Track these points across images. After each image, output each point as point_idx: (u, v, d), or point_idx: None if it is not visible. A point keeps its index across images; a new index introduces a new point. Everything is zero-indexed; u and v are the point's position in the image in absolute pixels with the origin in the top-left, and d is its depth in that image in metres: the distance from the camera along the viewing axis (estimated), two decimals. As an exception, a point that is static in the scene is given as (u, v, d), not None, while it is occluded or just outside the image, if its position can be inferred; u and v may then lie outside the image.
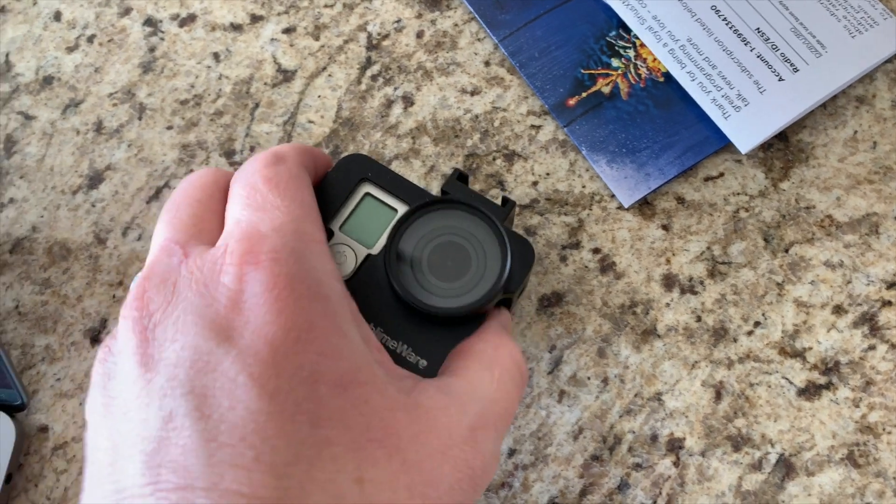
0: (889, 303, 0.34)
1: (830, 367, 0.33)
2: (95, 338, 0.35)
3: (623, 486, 0.32)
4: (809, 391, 0.33)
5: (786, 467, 0.32)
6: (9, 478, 0.31)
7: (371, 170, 0.28)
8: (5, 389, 0.32)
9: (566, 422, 0.33)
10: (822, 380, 0.33)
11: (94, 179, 0.37)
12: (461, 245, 0.26)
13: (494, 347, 0.25)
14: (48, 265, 0.36)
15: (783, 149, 0.37)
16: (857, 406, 0.33)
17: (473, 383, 0.24)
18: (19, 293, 0.35)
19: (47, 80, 0.39)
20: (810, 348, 0.33)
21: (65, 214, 0.37)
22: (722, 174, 0.36)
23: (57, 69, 0.39)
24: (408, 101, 0.38)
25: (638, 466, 0.32)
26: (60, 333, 0.35)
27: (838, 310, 0.34)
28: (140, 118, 0.38)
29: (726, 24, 0.37)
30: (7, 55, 0.40)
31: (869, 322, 0.34)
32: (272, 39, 0.40)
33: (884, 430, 0.32)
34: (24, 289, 0.35)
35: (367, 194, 0.28)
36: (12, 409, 0.33)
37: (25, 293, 0.35)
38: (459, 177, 0.29)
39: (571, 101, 0.37)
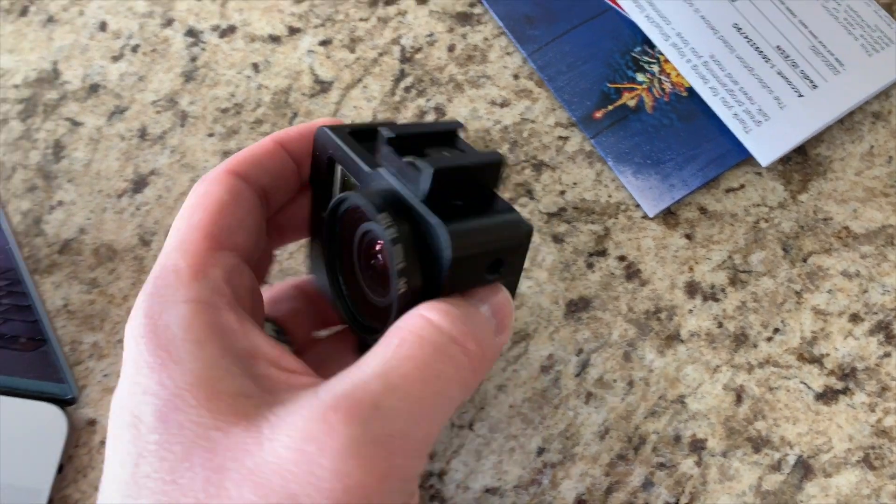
0: (904, 312, 0.35)
1: (847, 373, 0.35)
2: (141, 336, 0.36)
3: (647, 485, 0.33)
4: (827, 396, 0.34)
5: (804, 468, 0.33)
6: (60, 468, 0.33)
7: (332, 147, 0.25)
8: (59, 384, 0.34)
9: (593, 422, 0.34)
10: (840, 385, 0.34)
11: (139, 184, 0.39)
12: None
13: (405, 319, 0.21)
14: (95, 266, 0.37)
15: (802, 162, 0.38)
16: (873, 411, 0.34)
17: (360, 365, 0.20)
18: (68, 292, 0.37)
19: (93, 88, 0.41)
20: (828, 354, 0.35)
21: (111, 217, 0.38)
22: (743, 186, 0.38)
23: (103, 77, 0.41)
24: (440, 112, 0.40)
25: (662, 466, 0.33)
26: (107, 331, 0.36)
27: (855, 318, 0.35)
28: (182, 125, 0.40)
29: (748, 42, 0.39)
30: (55, 63, 0.41)
31: (884, 330, 0.35)
32: (309, 51, 0.41)
33: (898, 433, 0.33)
34: (73, 288, 0.37)
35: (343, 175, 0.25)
36: (64, 403, 0.34)
37: (74, 292, 0.37)
38: (391, 141, 0.23)
39: (598, 114, 0.39)
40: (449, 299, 0.21)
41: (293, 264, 0.37)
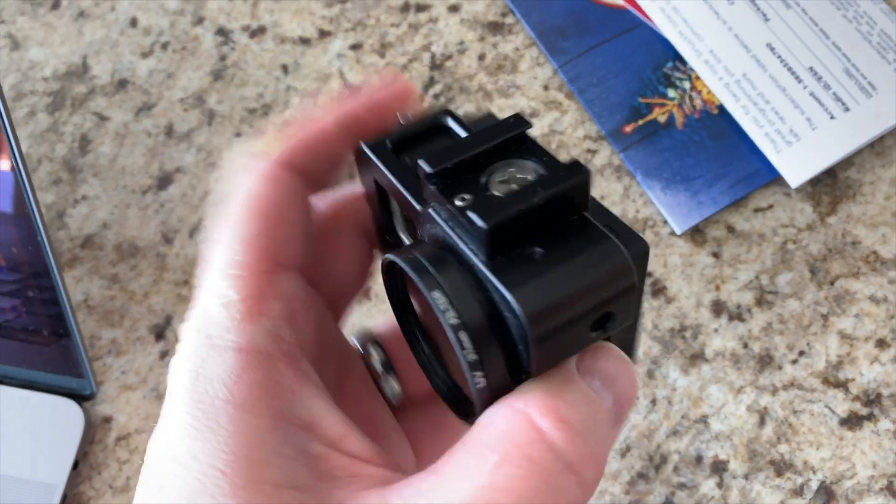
0: (931, 339, 0.35)
1: (872, 399, 0.34)
2: (160, 334, 0.36)
3: (667, 504, 0.33)
4: (851, 421, 0.34)
5: (826, 494, 0.33)
6: (75, 464, 0.33)
7: (375, 171, 0.20)
8: (78, 379, 0.33)
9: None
10: (864, 411, 0.34)
11: (164, 181, 0.39)
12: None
13: (504, 419, 0.15)
14: (117, 261, 0.37)
15: (831, 184, 0.38)
16: (898, 438, 0.34)
17: (447, 479, 0.15)
18: (88, 287, 0.37)
19: (122, 84, 0.41)
20: (853, 379, 0.34)
21: (134, 213, 0.38)
22: (771, 206, 0.37)
23: (131, 73, 0.41)
24: (468, 120, 0.39)
25: (682, 486, 0.33)
26: (127, 328, 0.36)
27: (881, 343, 0.35)
28: (209, 124, 0.40)
29: (780, 62, 0.39)
30: (85, 58, 0.41)
31: (911, 357, 0.35)
32: (339, 55, 0.41)
33: (923, 462, 0.33)
34: (94, 283, 0.37)
35: None
36: (81, 399, 0.34)
37: (94, 287, 0.37)
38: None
39: (628, 128, 0.39)
40: (561, 385, 0.16)
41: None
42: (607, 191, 0.38)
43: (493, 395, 0.16)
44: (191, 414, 0.16)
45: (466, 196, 0.16)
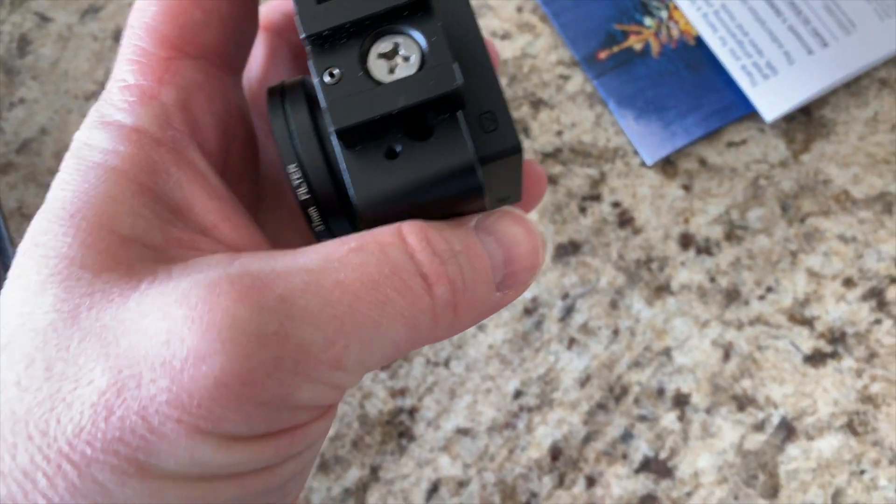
0: (897, 280, 0.34)
1: (837, 337, 0.34)
2: (100, 246, 0.34)
3: (626, 437, 0.32)
4: (815, 358, 0.33)
5: (787, 430, 0.32)
6: None
7: None
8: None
9: (574, 368, 0.33)
10: (829, 348, 0.33)
11: (109, 88, 0.36)
12: None
13: (378, 229, 0.16)
14: (55, 168, 0.35)
15: (805, 122, 0.37)
16: (860, 376, 0.33)
17: (299, 254, 0.16)
18: (23, 194, 0.34)
19: (67, -17, 0.38)
20: (819, 317, 0.34)
21: (76, 119, 0.36)
22: (745, 141, 0.36)
23: (78, -28, 0.38)
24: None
25: (643, 418, 0.32)
26: (64, 239, 0.34)
27: (848, 282, 0.34)
28: (161, 31, 0.37)
29: (761, -6, 0.38)
30: (27, -47, 0.38)
31: (877, 297, 0.34)
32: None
33: (884, 401, 0.33)
34: (29, 190, 0.34)
35: None
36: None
37: (30, 195, 0.34)
38: None
39: (602, 55, 0.37)
40: (447, 225, 0.16)
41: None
42: (578, 118, 0.36)
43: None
44: (66, 171, 0.16)
45: (335, 71, 0.16)
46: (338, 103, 0.15)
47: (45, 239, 0.15)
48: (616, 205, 0.35)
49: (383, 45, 0.16)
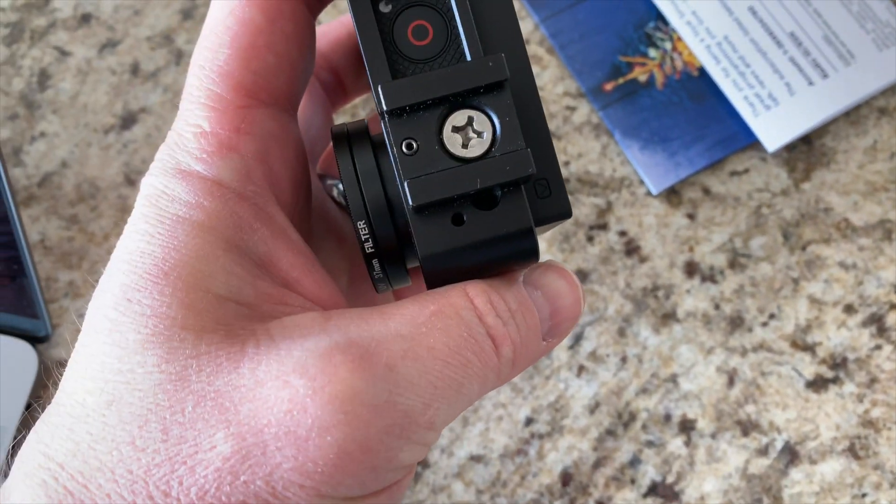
0: (896, 306, 0.35)
1: (838, 363, 0.34)
2: (121, 278, 0.35)
3: (635, 462, 0.33)
4: (817, 384, 0.34)
5: (790, 454, 0.33)
6: (28, 406, 0.31)
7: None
8: (33, 320, 0.32)
9: (583, 395, 0.34)
10: (830, 374, 0.34)
11: (128, 121, 0.37)
12: None
13: (447, 289, 0.17)
14: (76, 202, 0.36)
15: (806, 151, 0.38)
16: (861, 401, 0.34)
17: (387, 314, 0.17)
18: (45, 227, 0.35)
19: (85, 18, 0.39)
20: (820, 343, 0.35)
21: (95, 153, 0.36)
22: (747, 170, 0.37)
23: (96, 7, 0.39)
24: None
25: (650, 444, 0.33)
26: (85, 270, 0.35)
27: (849, 309, 0.35)
28: (177, 64, 0.38)
29: (762, 26, 0.39)
30: (46, -12, 0.39)
31: (877, 323, 0.35)
32: (315, -1, 0.40)
33: (884, 425, 0.34)
34: (51, 223, 0.35)
35: None
36: (35, 340, 0.32)
37: (51, 228, 0.35)
38: None
39: (608, 86, 0.38)
40: (503, 284, 0.18)
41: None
42: (585, 148, 0.37)
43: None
44: (149, 223, 0.16)
45: (415, 142, 0.16)
46: (417, 183, 0.16)
47: (139, 296, 0.16)
48: (623, 234, 0.36)
49: (458, 119, 0.17)
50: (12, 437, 0.30)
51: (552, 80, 0.38)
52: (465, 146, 0.17)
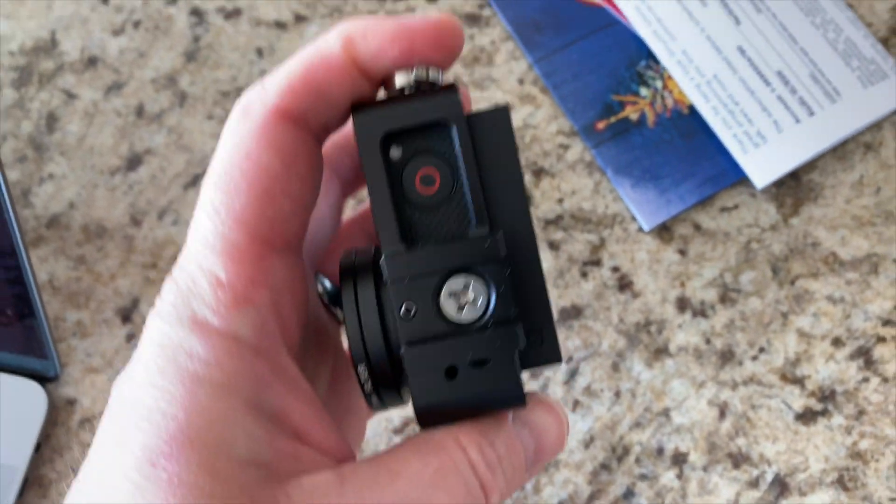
0: (883, 339, 0.36)
1: (827, 395, 0.35)
2: (127, 317, 0.36)
3: (628, 495, 0.34)
4: (806, 416, 0.35)
5: (780, 486, 0.34)
6: (38, 447, 0.32)
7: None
8: (42, 360, 0.33)
9: (578, 430, 0.34)
10: (819, 406, 0.35)
11: (133, 162, 0.38)
12: None
13: (443, 437, 0.18)
14: (83, 242, 0.37)
15: (794, 187, 0.39)
16: (850, 433, 0.35)
17: (394, 474, 0.17)
18: (53, 267, 0.36)
19: (92, 61, 0.40)
20: (809, 376, 0.36)
21: (102, 194, 0.38)
22: (737, 206, 0.38)
23: (102, 51, 0.40)
24: (443, 111, 0.40)
25: (643, 477, 0.34)
26: (93, 310, 0.36)
27: (837, 342, 0.36)
28: (181, 105, 0.39)
29: (750, 65, 0.40)
30: (53, 33, 0.40)
31: (864, 356, 0.36)
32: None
33: (872, 457, 0.34)
34: (59, 263, 0.36)
35: None
36: (44, 380, 0.33)
37: (60, 268, 0.36)
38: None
39: (600, 125, 0.39)
40: (492, 427, 0.18)
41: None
42: (578, 186, 0.38)
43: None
44: (167, 379, 0.16)
45: (414, 307, 0.17)
46: (414, 351, 0.17)
47: (164, 462, 0.16)
48: (615, 269, 0.37)
49: (455, 285, 0.18)
50: (23, 477, 0.31)
51: (546, 119, 0.40)
52: (460, 310, 0.18)
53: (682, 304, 0.37)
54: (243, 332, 0.17)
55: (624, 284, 0.37)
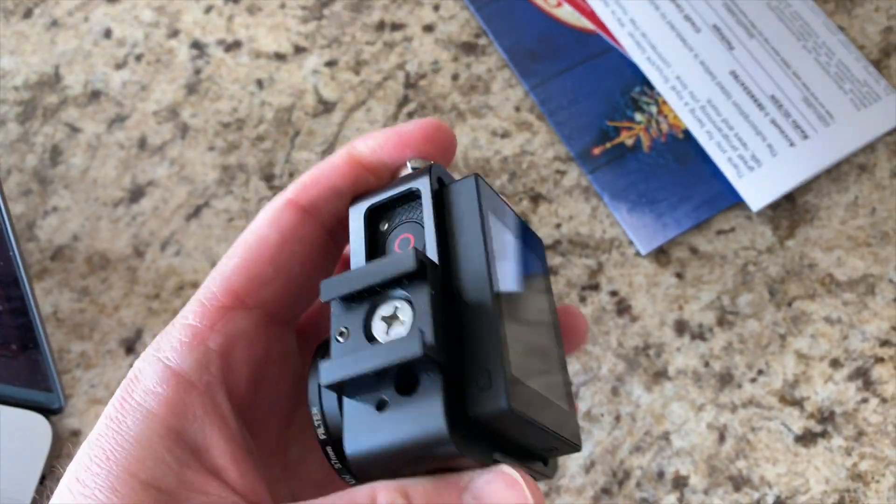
0: (882, 359, 0.36)
1: (826, 417, 0.35)
2: (130, 347, 0.36)
3: (630, 519, 0.34)
4: (806, 438, 0.35)
5: (782, 509, 0.34)
6: (42, 479, 0.32)
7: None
8: (46, 393, 0.33)
9: (579, 455, 0.35)
10: (818, 428, 0.35)
11: (136, 193, 0.39)
12: None
13: (368, 486, 0.18)
14: (87, 274, 0.37)
15: (790, 209, 0.39)
16: (849, 454, 0.35)
17: None
18: (58, 299, 0.37)
19: (95, 95, 0.41)
20: (808, 398, 0.36)
21: (105, 226, 0.38)
22: (733, 229, 0.39)
23: (105, 84, 0.41)
24: (441, 139, 0.40)
25: (644, 501, 0.34)
26: (97, 341, 0.36)
27: (835, 363, 0.36)
28: (183, 137, 0.40)
29: (743, 89, 0.40)
30: (57, 68, 0.41)
31: (863, 376, 0.36)
32: (314, 71, 0.41)
33: (872, 478, 0.34)
34: (63, 295, 0.37)
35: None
36: (49, 412, 0.34)
37: (64, 300, 0.37)
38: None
39: (596, 151, 0.40)
40: (434, 488, 0.17)
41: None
42: (575, 211, 0.39)
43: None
44: (114, 405, 0.19)
45: (345, 329, 0.18)
46: (330, 364, 0.17)
47: (84, 476, 0.17)
48: (614, 293, 0.37)
49: (386, 309, 0.18)
50: (28, 510, 0.31)
51: (542, 146, 0.40)
52: (387, 332, 0.18)
53: (681, 328, 0.37)
54: (186, 368, 0.19)
55: (622, 308, 0.37)
